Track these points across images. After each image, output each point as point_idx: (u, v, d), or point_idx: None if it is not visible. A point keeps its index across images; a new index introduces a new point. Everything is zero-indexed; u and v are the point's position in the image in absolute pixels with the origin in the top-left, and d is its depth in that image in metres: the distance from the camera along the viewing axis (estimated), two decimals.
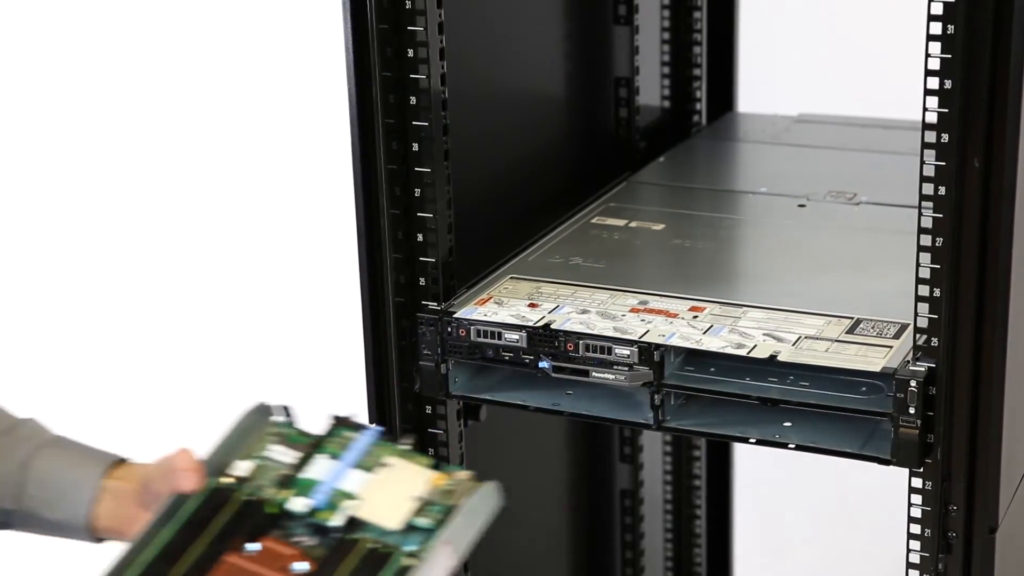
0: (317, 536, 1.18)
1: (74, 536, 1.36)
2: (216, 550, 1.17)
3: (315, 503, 1.22)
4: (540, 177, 1.91)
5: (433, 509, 1.20)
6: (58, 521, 1.34)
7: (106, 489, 1.35)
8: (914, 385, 1.43)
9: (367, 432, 1.28)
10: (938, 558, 1.48)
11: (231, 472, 1.25)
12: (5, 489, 1.34)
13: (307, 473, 1.24)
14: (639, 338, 1.55)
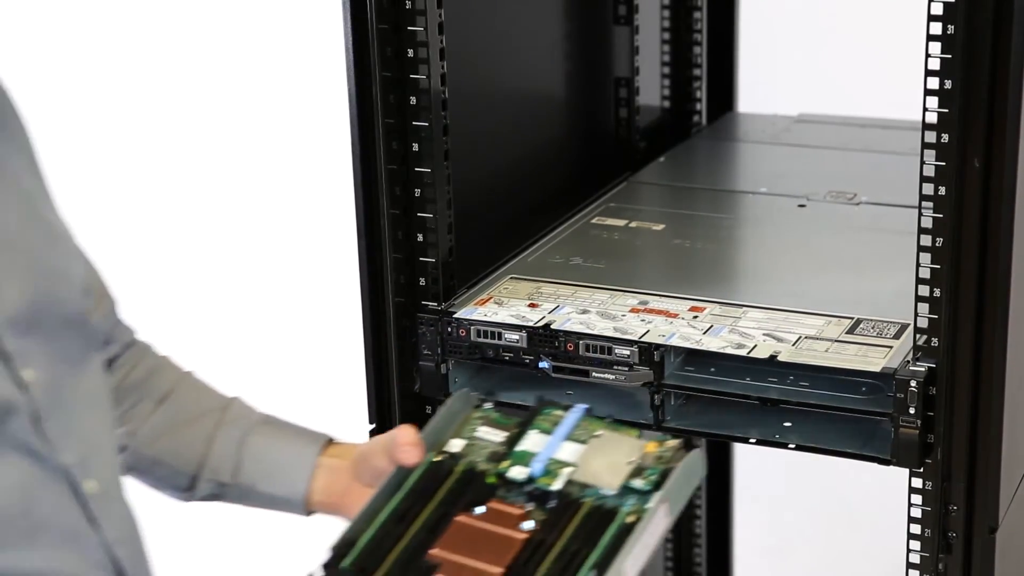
0: (537, 502, 1.26)
1: (286, 509, 1.44)
2: (445, 513, 1.26)
3: (533, 471, 1.28)
4: (540, 177, 1.91)
5: (648, 473, 1.27)
6: (273, 495, 1.42)
7: (321, 465, 1.42)
8: (914, 385, 1.43)
9: (574, 409, 1.34)
10: (938, 558, 1.48)
11: (445, 450, 1.33)
12: (223, 463, 1.42)
13: (521, 447, 1.31)
14: (639, 338, 1.55)
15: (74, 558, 1.19)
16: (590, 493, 1.26)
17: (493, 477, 1.29)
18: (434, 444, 1.33)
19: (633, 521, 1.22)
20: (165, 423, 1.42)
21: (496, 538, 1.22)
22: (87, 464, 1.20)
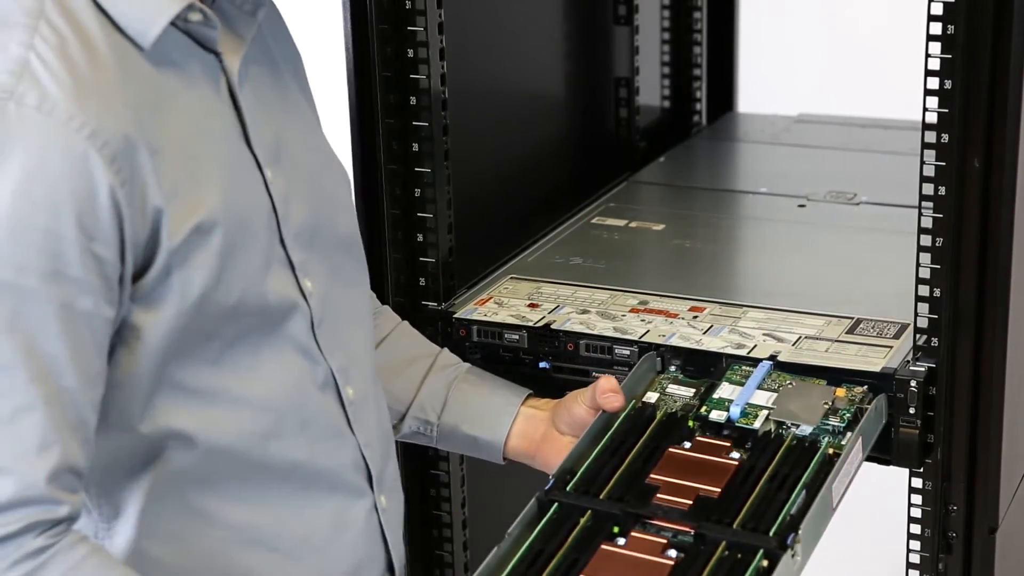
0: (738, 439, 1.40)
1: (484, 453, 1.54)
2: (655, 447, 1.39)
3: (732, 414, 1.43)
4: (540, 177, 1.91)
5: (841, 412, 1.42)
6: (476, 437, 1.52)
7: (521, 414, 1.53)
8: (914, 385, 1.43)
9: (762, 364, 1.48)
10: (938, 558, 1.48)
11: (644, 400, 1.48)
12: (431, 404, 1.54)
13: (716, 395, 1.46)
14: (639, 338, 1.55)
15: (335, 454, 1.32)
16: (788, 431, 1.40)
17: (693, 421, 1.43)
18: (630, 397, 1.47)
19: (833, 453, 1.36)
20: (381, 363, 1.50)
21: (709, 465, 1.37)
22: (348, 372, 1.33)
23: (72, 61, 1.14)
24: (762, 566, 1.24)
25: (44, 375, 1.11)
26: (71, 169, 1.11)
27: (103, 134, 1.12)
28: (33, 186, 1.10)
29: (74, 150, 1.11)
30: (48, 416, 1.11)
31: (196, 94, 1.22)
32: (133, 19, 1.18)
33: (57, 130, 1.11)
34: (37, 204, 1.10)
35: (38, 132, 1.10)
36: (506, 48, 1.83)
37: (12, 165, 1.10)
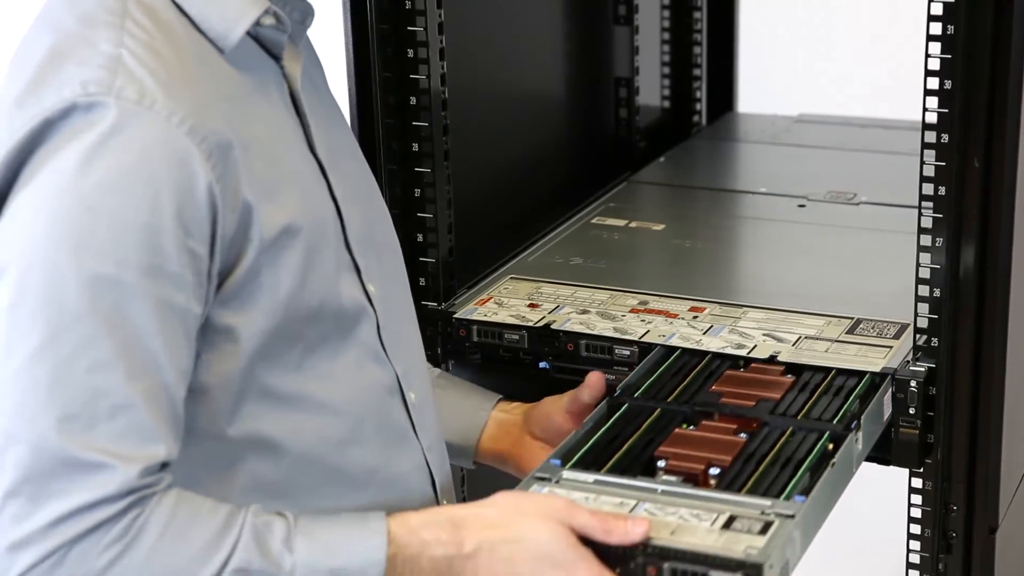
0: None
1: (455, 457, 1.52)
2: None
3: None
4: (540, 177, 1.91)
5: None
6: (448, 442, 1.47)
7: (493, 418, 1.53)
8: (914, 385, 1.43)
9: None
10: (938, 558, 1.48)
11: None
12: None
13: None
14: (639, 338, 1.55)
15: (404, 459, 1.32)
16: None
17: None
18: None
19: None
20: None
21: (765, 381, 1.46)
22: (410, 376, 1.33)
23: (163, 57, 1.14)
24: (828, 448, 1.33)
25: (144, 371, 1.12)
26: (172, 164, 1.11)
27: (201, 129, 1.13)
28: (134, 181, 1.10)
29: (175, 144, 1.11)
30: (147, 412, 1.12)
31: (268, 99, 1.23)
32: (215, 21, 1.19)
33: (158, 124, 1.11)
34: (138, 199, 1.10)
35: (139, 126, 1.11)
36: (506, 48, 1.83)
37: (113, 159, 1.10)
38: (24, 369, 1.10)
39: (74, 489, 1.10)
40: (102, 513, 1.11)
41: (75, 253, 1.09)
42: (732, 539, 1.19)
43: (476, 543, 1.20)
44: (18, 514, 1.10)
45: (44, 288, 1.09)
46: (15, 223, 1.11)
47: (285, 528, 1.17)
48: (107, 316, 1.10)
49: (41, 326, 1.09)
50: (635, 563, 1.18)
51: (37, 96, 1.12)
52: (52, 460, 1.10)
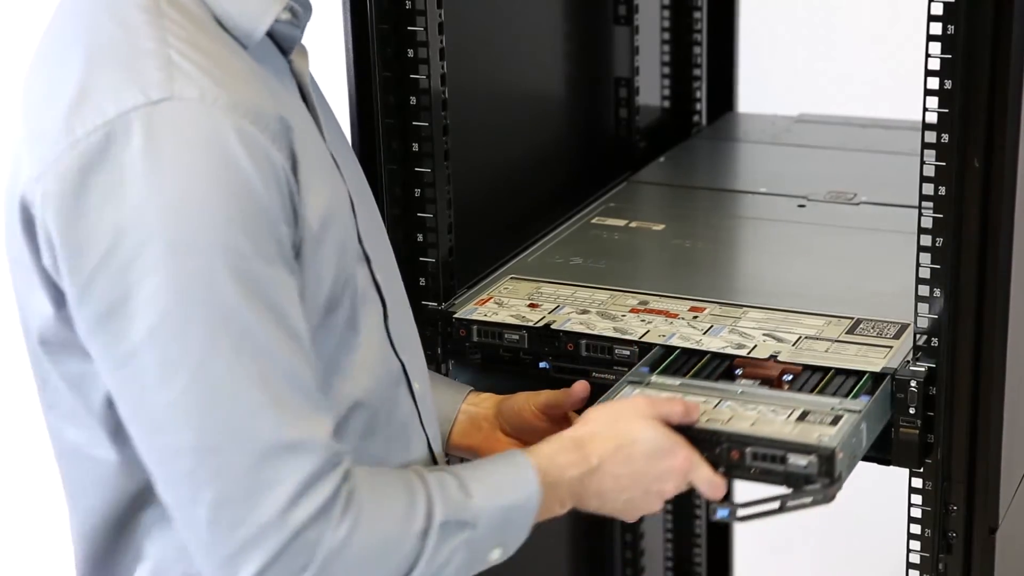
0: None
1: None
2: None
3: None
4: (540, 177, 1.91)
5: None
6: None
7: (463, 411, 1.53)
8: (914, 385, 1.43)
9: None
10: (938, 558, 1.48)
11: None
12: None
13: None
14: (639, 338, 1.55)
15: (412, 451, 1.34)
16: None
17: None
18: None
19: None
20: None
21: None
22: (413, 366, 1.35)
23: (207, 53, 1.15)
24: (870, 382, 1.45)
25: (296, 345, 1.14)
26: (249, 153, 1.12)
27: (263, 117, 1.14)
28: (227, 175, 1.11)
29: (246, 135, 1.12)
30: (312, 382, 1.15)
31: (289, 92, 1.24)
32: (239, 18, 1.19)
33: (226, 118, 1.12)
34: (233, 193, 1.11)
35: (209, 124, 1.11)
36: (506, 48, 1.83)
37: (197, 161, 1.10)
38: (196, 379, 1.10)
39: (285, 475, 1.12)
40: (321, 492, 1.13)
41: (203, 254, 1.10)
42: (806, 429, 1.34)
43: (599, 456, 1.30)
44: (233, 520, 1.11)
45: (185, 300, 1.09)
46: (120, 251, 1.10)
47: (454, 478, 1.24)
48: (253, 300, 1.11)
49: (198, 332, 1.10)
50: (720, 448, 1.33)
51: (93, 105, 1.12)
52: (253, 454, 1.11)
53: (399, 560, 1.18)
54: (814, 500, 1.30)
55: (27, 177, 1.14)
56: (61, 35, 1.19)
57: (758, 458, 1.32)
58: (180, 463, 1.12)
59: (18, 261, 1.19)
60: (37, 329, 1.20)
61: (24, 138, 1.17)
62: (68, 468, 1.27)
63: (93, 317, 1.12)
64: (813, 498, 1.30)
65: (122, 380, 1.13)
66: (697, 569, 2.44)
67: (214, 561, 1.13)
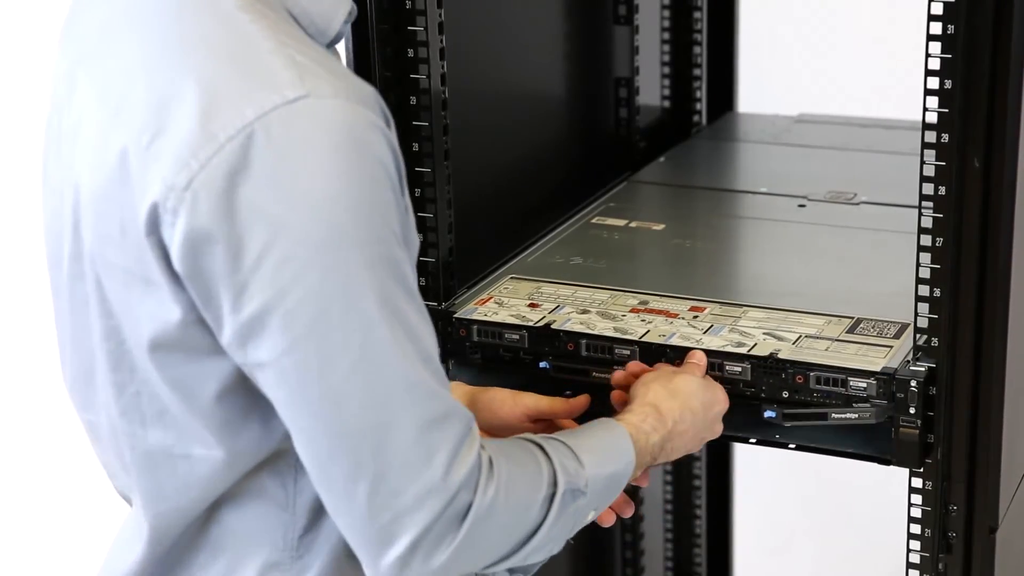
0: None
1: None
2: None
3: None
4: (540, 177, 1.91)
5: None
6: None
7: None
8: (914, 385, 1.43)
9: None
10: (938, 558, 1.48)
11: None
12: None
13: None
14: (639, 338, 1.55)
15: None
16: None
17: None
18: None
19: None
20: None
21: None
22: None
23: (312, 48, 1.18)
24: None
25: (430, 325, 1.20)
26: (382, 144, 1.15)
27: (377, 105, 1.17)
28: (368, 166, 1.14)
29: (376, 126, 1.15)
30: (439, 358, 1.21)
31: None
32: (315, 16, 1.23)
33: (359, 111, 1.15)
34: (376, 183, 1.14)
35: (346, 118, 1.13)
36: (506, 48, 1.83)
37: (341, 155, 1.13)
38: (359, 364, 1.14)
39: (441, 442, 1.17)
40: (471, 453, 1.19)
41: (357, 247, 1.14)
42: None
43: (672, 417, 1.41)
44: (393, 492, 1.17)
45: (344, 291, 1.13)
46: (277, 249, 1.12)
47: (567, 448, 1.30)
48: (399, 284, 1.16)
49: (358, 320, 1.14)
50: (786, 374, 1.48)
51: (231, 108, 1.13)
52: (414, 428, 1.16)
53: (527, 525, 1.25)
54: (860, 417, 1.43)
55: (160, 184, 1.14)
56: (150, 32, 1.19)
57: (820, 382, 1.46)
58: (343, 444, 1.16)
59: (131, 272, 1.19)
60: (150, 335, 1.20)
61: (136, 147, 1.16)
62: (148, 471, 1.28)
63: (252, 315, 1.14)
64: (859, 415, 1.43)
65: (281, 371, 1.15)
66: (697, 569, 2.45)
67: (369, 534, 1.18)
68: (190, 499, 1.27)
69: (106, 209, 1.19)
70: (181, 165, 1.13)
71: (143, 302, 1.20)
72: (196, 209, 1.13)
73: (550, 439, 1.30)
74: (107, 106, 1.20)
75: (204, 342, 1.19)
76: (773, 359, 1.49)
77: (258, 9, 1.17)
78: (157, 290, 1.18)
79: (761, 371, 1.49)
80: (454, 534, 1.18)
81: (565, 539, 1.31)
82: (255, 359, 1.16)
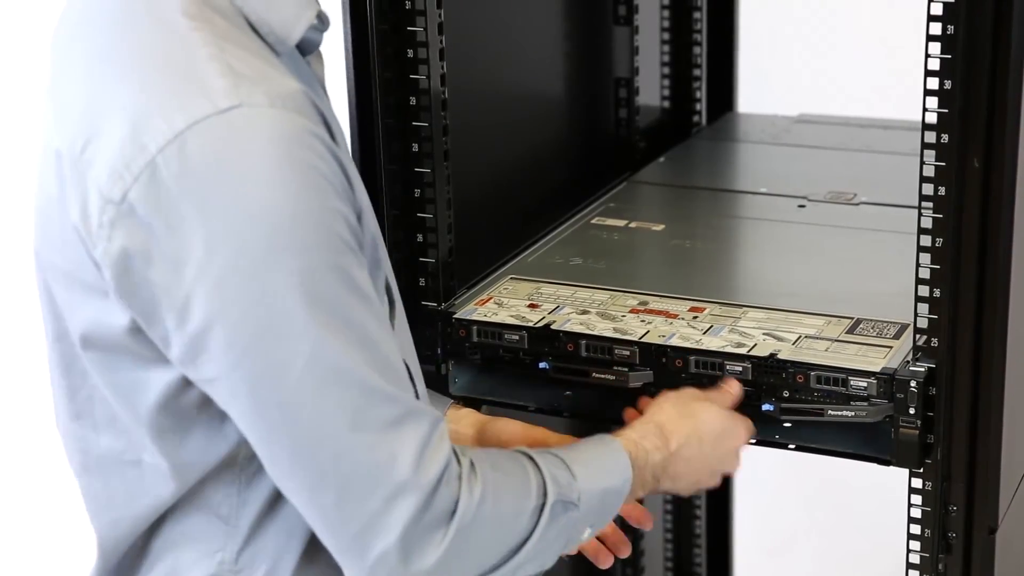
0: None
1: None
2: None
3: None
4: (540, 177, 1.91)
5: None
6: None
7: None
8: (914, 385, 1.43)
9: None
10: (938, 558, 1.48)
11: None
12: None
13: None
14: (639, 338, 1.55)
15: None
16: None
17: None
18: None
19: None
20: None
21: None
22: (413, 368, 1.36)
23: (256, 54, 1.16)
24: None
25: (387, 328, 1.19)
26: (320, 152, 1.13)
27: (318, 117, 1.15)
28: (306, 175, 1.11)
29: (314, 134, 1.13)
30: (398, 359, 1.20)
31: (312, 94, 1.24)
32: (275, 24, 1.20)
33: (294, 120, 1.12)
34: (315, 190, 1.12)
35: (282, 127, 1.11)
36: (506, 48, 1.83)
37: (277, 165, 1.10)
38: (308, 373, 1.13)
39: (405, 443, 1.16)
40: (441, 449, 1.18)
41: (301, 255, 1.11)
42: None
43: (677, 440, 1.38)
44: (361, 496, 1.15)
45: (291, 300, 1.11)
46: (216, 261, 1.10)
47: (559, 460, 1.28)
48: (348, 289, 1.15)
49: (307, 329, 1.12)
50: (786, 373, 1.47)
51: (162, 118, 1.11)
52: (374, 431, 1.15)
53: (516, 534, 1.23)
54: (856, 415, 1.44)
55: (95, 194, 1.13)
56: (94, 39, 1.18)
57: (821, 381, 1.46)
58: (302, 455, 1.15)
59: (72, 275, 1.18)
60: (89, 338, 1.19)
61: (69, 153, 1.15)
62: (97, 478, 1.27)
63: (197, 330, 1.12)
64: (855, 412, 1.44)
65: (231, 385, 1.14)
66: (697, 569, 2.45)
67: (343, 544, 1.16)
68: (136, 507, 1.26)
69: (47, 212, 1.19)
70: (116, 177, 1.12)
71: (84, 306, 1.19)
72: (132, 223, 1.11)
73: (542, 452, 1.29)
74: (51, 111, 1.19)
75: (149, 351, 1.17)
76: (773, 359, 1.49)
77: (206, 16, 1.15)
78: (100, 296, 1.17)
79: (761, 370, 1.49)
80: (443, 533, 1.17)
81: (558, 554, 1.28)
82: (206, 374, 1.15)
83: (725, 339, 1.54)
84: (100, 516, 1.28)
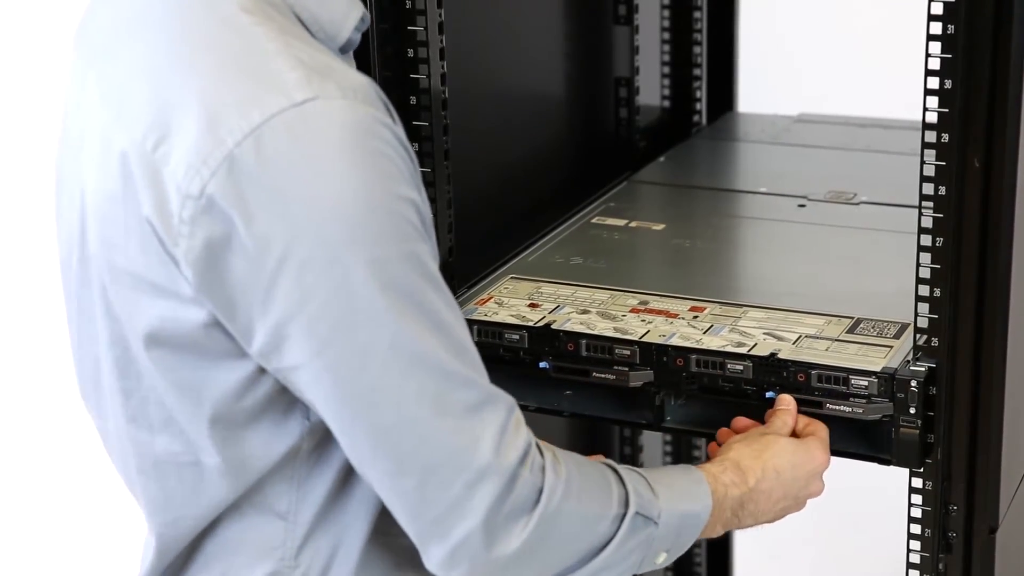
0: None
1: None
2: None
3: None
4: (540, 177, 1.91)
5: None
6: None
7: None
8: (914, 385, 1.43)
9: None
10: (938, 558, 1.48)
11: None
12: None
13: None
14: (640, 338, 1.55)
15: None
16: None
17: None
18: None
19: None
20: None
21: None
22: None
23: (320, 51, 1.18)
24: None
25: (459, 312, 1.21)
26: (394, 142, 1.15)
27: (382, 103, 1.17)
28: (381, 165, 1.13)
29: (384, 123, 1.15)
30: (472, 343, 1.22)
31: None
32: (325, 22, 1.22)
33: (366, 110, 1.15)
34: (391, 179, 1.14)
35: (355, 118, 1.13)
36: (506, 48, 1.83)
37: (353, 156, 1.12)
38: (391, 361, 1.14)
39: (484, 428, 1.17)
40: (520, 434, 1.19)
41: (378, 245, 1.13)
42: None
43: (755, 476, 1.39)
44: (443, 483, 1.16)
45: (369, 289, 1.13)
46: (297, 253, 1.12)
47: (640, 476, 1.29)
48: (423, 277, 1.16)
49: (387, 316, 1.14)
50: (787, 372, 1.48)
51: (238, 113, 1.12)
52: (455, 416, 1.16)
53: (596, 537, 1.23)
54: (853, 411, 1.44)
55: (172, 191, 1.13)
56: (153, 36, 1.18)
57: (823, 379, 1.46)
58: (384, 442, 1.16)
59: (137, 275, 1.18)
60: (157, 338, 1.20)
61: (138, 151, 1.16)
62: (154, 480, 1.27)
63: (280, 320, 1.13)
64: (852, 409, 1.44)
65: (314, 373, 1.15)
66: (697, 569, 2.45)
67: (424, 528, 1.17)
68: (199, 508, 1.26)
69: (110, 213, 1.19)
70: (193, 172, 1.12)
71: (153, 306, 1.19)
72: (212, 217, 1.12)
73: (625, 467, 1.30)
74: (109, 109, 1.19)
75: (222, 346, 1.18)
76: (773, 359, 1.49)
77: (264, 11, 1.17)
78: (170, 294, 1.17)
79: (762, 370, 1.49)
80: (526, 520, 1.18)
81: (631, 571, 1.29)
82: (288, 363, 1.16)
83: (725, 339, 1.54)
84: (157, 516, 1.28)
